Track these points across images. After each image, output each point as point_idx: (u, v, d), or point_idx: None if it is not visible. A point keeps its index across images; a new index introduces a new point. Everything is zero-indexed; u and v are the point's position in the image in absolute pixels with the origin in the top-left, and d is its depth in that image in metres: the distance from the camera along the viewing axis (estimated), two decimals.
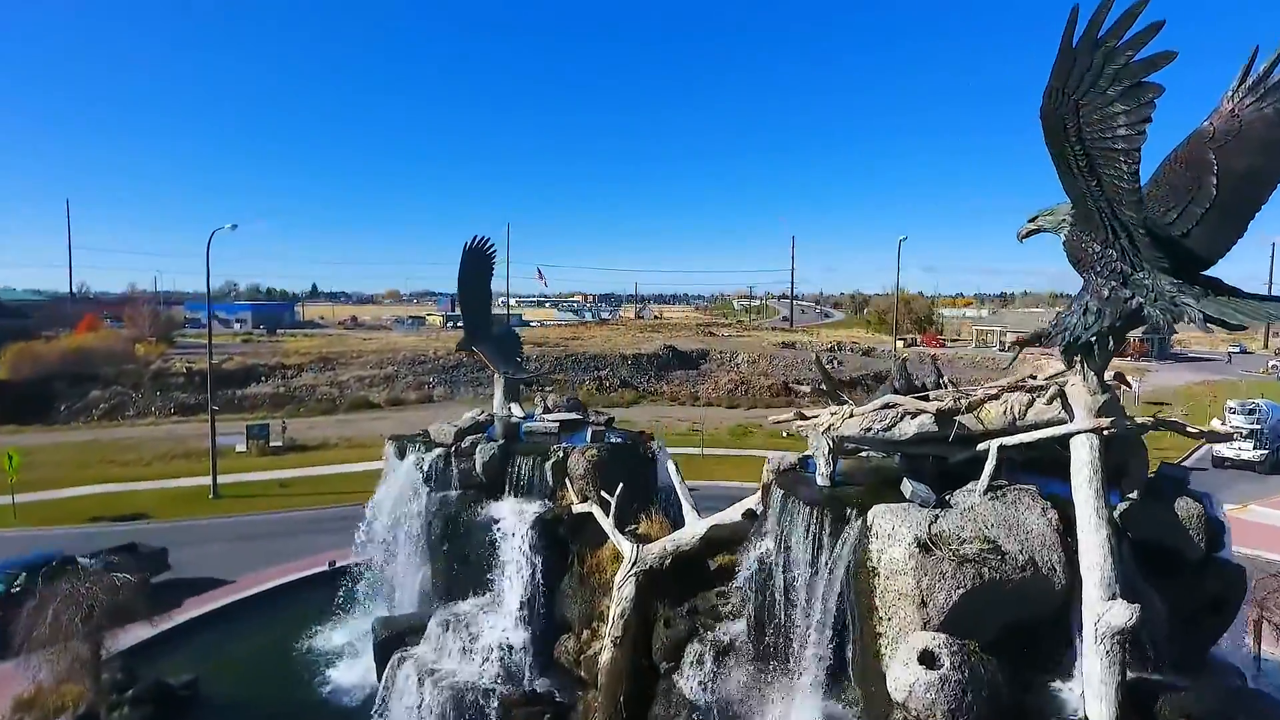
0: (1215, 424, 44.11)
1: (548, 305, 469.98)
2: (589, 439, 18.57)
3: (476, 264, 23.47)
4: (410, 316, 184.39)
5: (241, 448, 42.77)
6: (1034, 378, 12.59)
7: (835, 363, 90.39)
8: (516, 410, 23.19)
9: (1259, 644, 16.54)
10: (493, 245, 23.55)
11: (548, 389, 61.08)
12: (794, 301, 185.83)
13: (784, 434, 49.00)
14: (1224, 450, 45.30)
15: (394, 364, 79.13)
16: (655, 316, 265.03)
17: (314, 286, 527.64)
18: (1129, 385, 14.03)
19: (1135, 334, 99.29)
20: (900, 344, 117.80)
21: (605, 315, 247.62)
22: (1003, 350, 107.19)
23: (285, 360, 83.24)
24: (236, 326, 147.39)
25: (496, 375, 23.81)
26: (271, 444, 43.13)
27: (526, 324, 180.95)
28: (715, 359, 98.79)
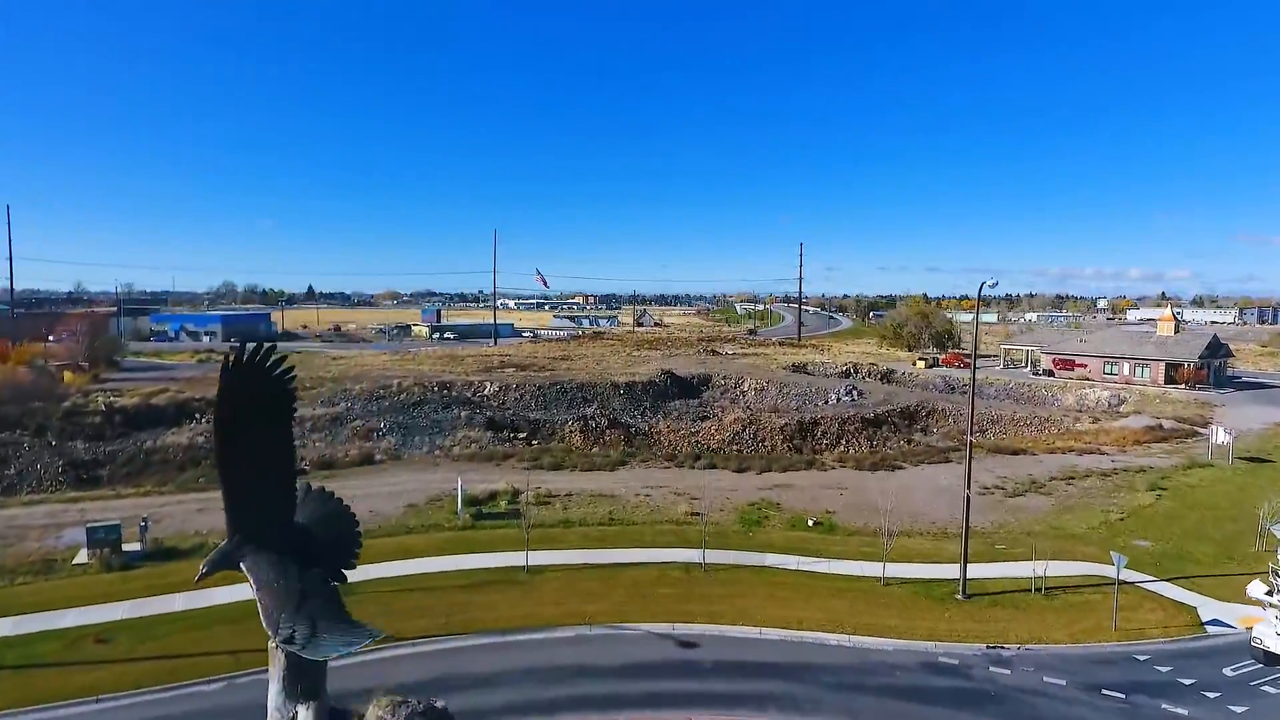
0: (1256, 588, 25.61)
1: (546, 308, 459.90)
2: None
3: (251, 395, 11.43)
4: (396, 325, 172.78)
5: (84, 557, 31.23)
6: None
7: (855, 392, 78.57)
8: None
9: None
10: (291, 368, 11.60)
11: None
12: (801, 309, 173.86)
13: (810, 521, 37.32)
14: (1268, 635, 24.74)
15: (347, 399, 67.49)
16: (656, 323, 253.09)
17: (310, 288, 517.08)
18: None
19: (1192, 359, 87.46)
20: (920, 363, 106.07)
21: (604, 323, 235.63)
22: (1036, 374, 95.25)
23: None
24: (205, 340, 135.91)
25: (272, 642, 11.76)
26: (126, 547, 31.64)
27: (519, 334, 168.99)
28: (718, 385, 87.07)
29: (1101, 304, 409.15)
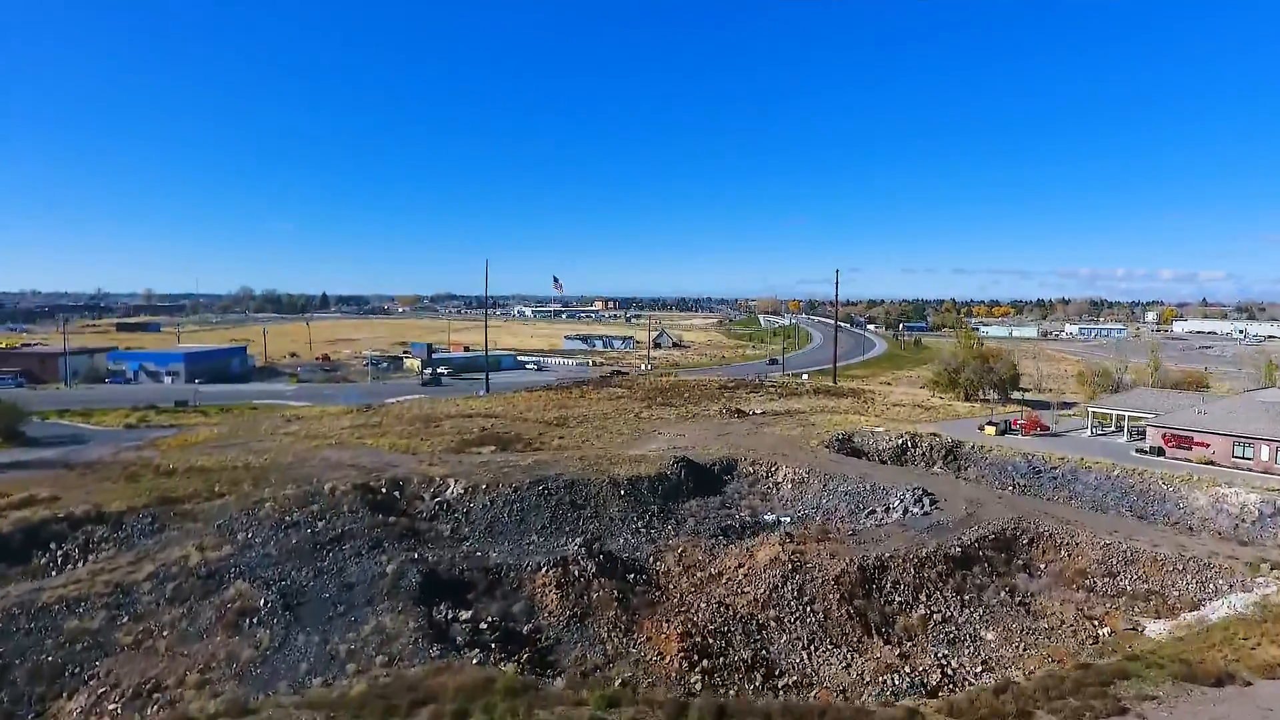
0: None
1: (564, 316, 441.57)
2: None
3: None
4: (388, 358, 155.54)
5: None
6: None
7: (924, 499, 59.44)
8: None
9: None
10: None
11: None
12: (837, 336, 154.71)
13: None
14: None
15: (252, 523, 49.73)
16: (675, 342, 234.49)
17: (323, 296, 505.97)
18: None
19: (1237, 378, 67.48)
20: (990, 429, 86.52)
21: (618, 344, 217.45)
22: (1143, 451, 75.31)
23: (110, 501, 54.40)
24: (168, 380, 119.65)
25: None
26: None
27: (522, 364, 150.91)
28: (746, 474, 68.42)
29: (1150, 316, 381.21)
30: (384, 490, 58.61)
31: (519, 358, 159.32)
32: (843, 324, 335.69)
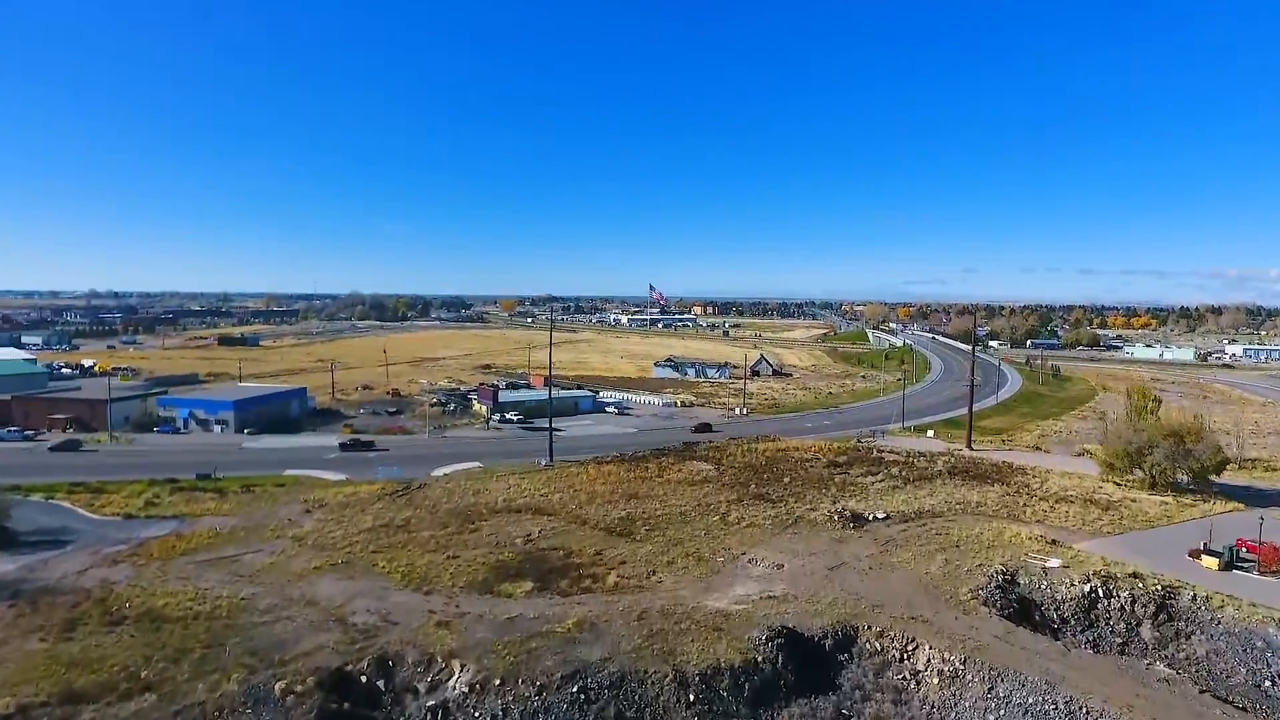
0: None
1: (661, 325, 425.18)
2: None
3: None
4: (459, 395, 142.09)
5: None
6: None
7: None
8: None
9: None
10: None
11: None
12: (973, 389, 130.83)
13: None
14: None
15: None
16: (775, 369, 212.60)
17: (424, 304, 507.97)
18: None
19: None
20: (1210, 561, 62.69)
21: (712, 373, 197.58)
22: None
23: (7, 690, 40.82)
24: (216, 430, 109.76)
25: None
26: None
27: (601, 407, 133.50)
28: (870, 655, 48.19)
29: None
30: (365, 678, 42.46)
31: (600, 397, 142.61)
32: (961, 343, 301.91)
